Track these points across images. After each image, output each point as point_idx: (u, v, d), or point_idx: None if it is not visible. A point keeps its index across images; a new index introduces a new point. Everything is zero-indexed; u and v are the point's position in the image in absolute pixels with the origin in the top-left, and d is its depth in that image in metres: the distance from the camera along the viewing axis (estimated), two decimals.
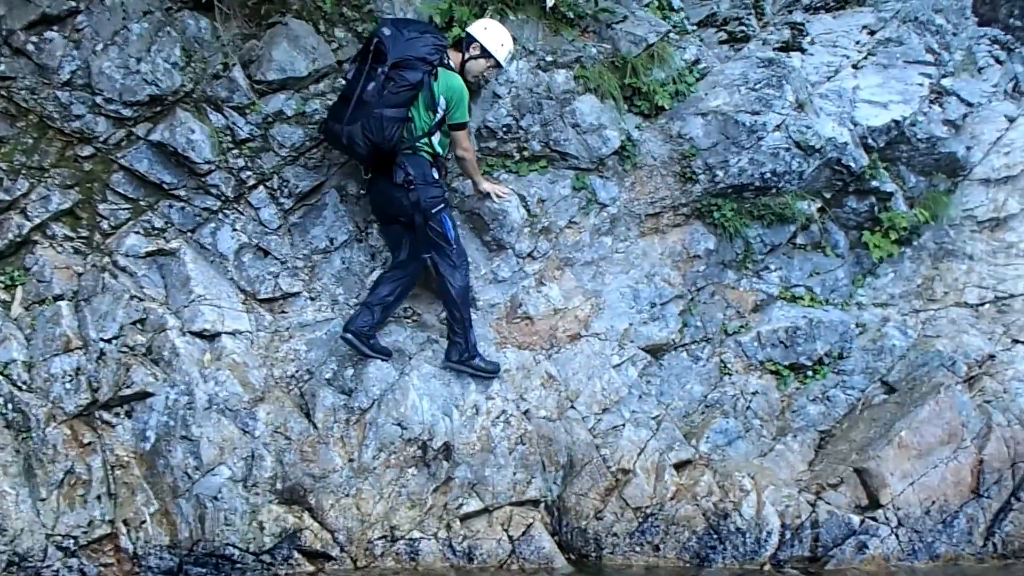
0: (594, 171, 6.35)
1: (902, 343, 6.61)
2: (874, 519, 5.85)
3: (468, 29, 5.87)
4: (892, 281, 6.90)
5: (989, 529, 5.97)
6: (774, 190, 6.44)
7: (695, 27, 7.08)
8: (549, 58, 6.38)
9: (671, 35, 6.68)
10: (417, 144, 5.62)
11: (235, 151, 5.91)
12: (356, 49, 6.01)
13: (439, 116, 5.62)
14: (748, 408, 6.34)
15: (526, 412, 5.92)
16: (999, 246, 6.93)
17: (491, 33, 5.83)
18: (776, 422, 6.37)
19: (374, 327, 5.79)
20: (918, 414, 6.06)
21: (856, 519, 5.84)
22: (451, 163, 6.06)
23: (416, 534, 5.58)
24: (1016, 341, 6.57)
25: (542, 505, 5.82)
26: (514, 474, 5.75)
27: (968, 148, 7.07)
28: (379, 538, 5.55)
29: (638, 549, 5.79)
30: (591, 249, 6.36)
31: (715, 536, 5.81)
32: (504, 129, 6.24)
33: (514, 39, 6.00)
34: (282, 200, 6.02)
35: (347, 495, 5.57)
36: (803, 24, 7.31)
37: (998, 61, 7.69)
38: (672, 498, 5.86)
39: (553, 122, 6.27)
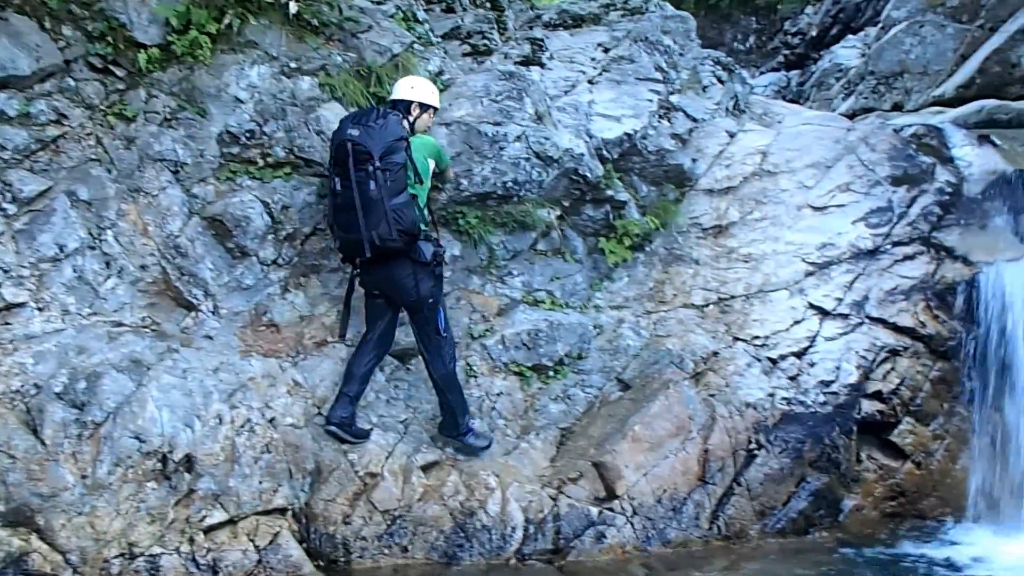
0: None
1: (636, 343, 6.97)
2: (611, 509, 6.14)
3: (397, 96, 6.07)
4: (627, 285, 7.28)
5: (714, 513, 6.37)
6: (516, 198, 6.68)
7: (439, 39, 7.28)
8: (293, 64, 6.37)
9: (416, 46, 6.82)
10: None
11: None
12: (86, 48, 5.83)
13: (429, 182, 5.95)
14: (493, 409, 6.53)
15: (272, 420, 5.85)
16: (721, 251, 7.42)
17: (419, 88, 6.10)
18: (520, 421, 6.58)
19: (354, 414, 5.95)
20: (650, 409, 6.42)
21: (595, 510, 6.11)
22: None
23: (157, 549, 5.38)
24: (737, 339, 7.03)
25: (289, 513, 5.75)
26: (260, 483, 5.67)
27: (694, 160, 7.56)
28: (116, 556, 5.31)
29: (387, 551, 5.83)
30: (337, 256, 6.36)
31: (462, 534, 5.94)
32: (247, 134, 6.18)
33: (256, 44, 5.96)
34: (5, 206, 5.67)
35: (80, 513, 5.30)
36: (543, 40, 7.66)
37: (720, 81, 8.31)
38: (420, 499, 5.94)
39: (297, 128, 6.26)
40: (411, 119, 6.06)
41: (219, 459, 5.62)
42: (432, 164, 6.04)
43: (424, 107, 6.11)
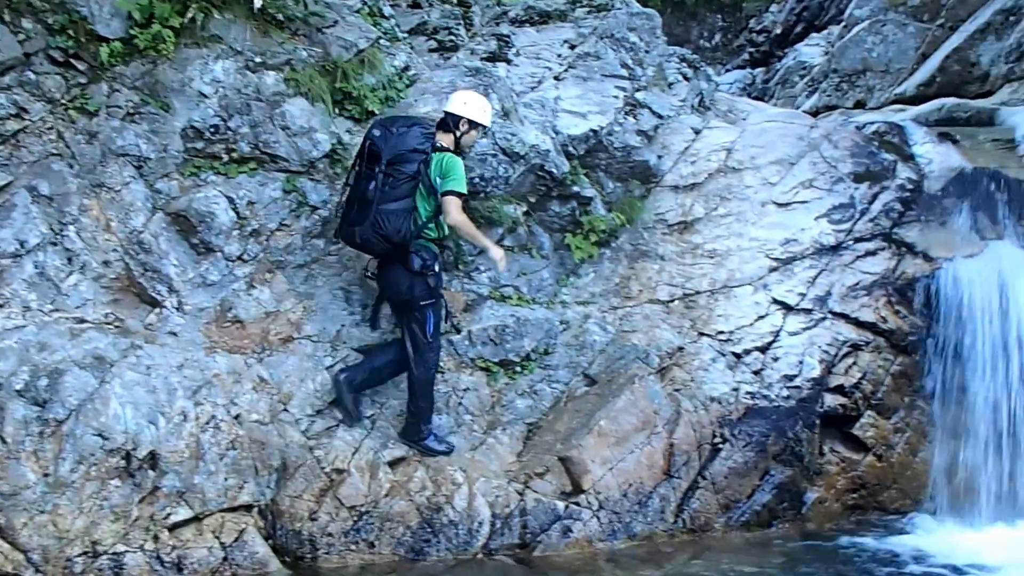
0: (305, 174, 6.36)
1: (602, 338, 6.98)
2: (577, 504, 6.17)
3: (448, 109, 6.10)
4: (593, 280, 7.29)
5: (679, 507, 6.43)
6: (482, 194, 6.68)
7: (406, 34, 7.27)
8: (258, 59, 6.33)
9: (382, 41, 6.81)
10: (425, 231, 5.93)
11: None
12: (47, 41, 5.77)
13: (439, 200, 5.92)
14: (460, 404, 6.53)
15: (237, 417, 5.83)
16: (687, 247, 7.45)
17: (472, 105, 6.11)
18: (487, 416, 6.58)
19: (363, 384, 6.16)
20: (616, 404, 6.45)
21: (561, 505, 6.15)
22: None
23: (120, 548, 5.36)
24: (702, 334, 7.07)
25: (255, 510, 5.74)
26: (225, 480, 5.65)
27: (659, 157, 7.58)
28: (79, 555, 5.29)
29: (353, 547, 5.84)
30: (303, 252, 6.36)
31: (429, 530, 5.96)
32: (211, 130, 6.14)
33: (220, 39, 5.92)
34: None
35: (42, 512, 5.27)
36: (509, 36, 7.68)
37: (685, 78, 8.34)
38: (386, 495, 5.95)
39: (263, 124, 6.23)
40: (458, 134, 6.12)
41: (184, 456, 5.60)
42: (439, 183, 5.99)
43: (473, 124, 6.15)
